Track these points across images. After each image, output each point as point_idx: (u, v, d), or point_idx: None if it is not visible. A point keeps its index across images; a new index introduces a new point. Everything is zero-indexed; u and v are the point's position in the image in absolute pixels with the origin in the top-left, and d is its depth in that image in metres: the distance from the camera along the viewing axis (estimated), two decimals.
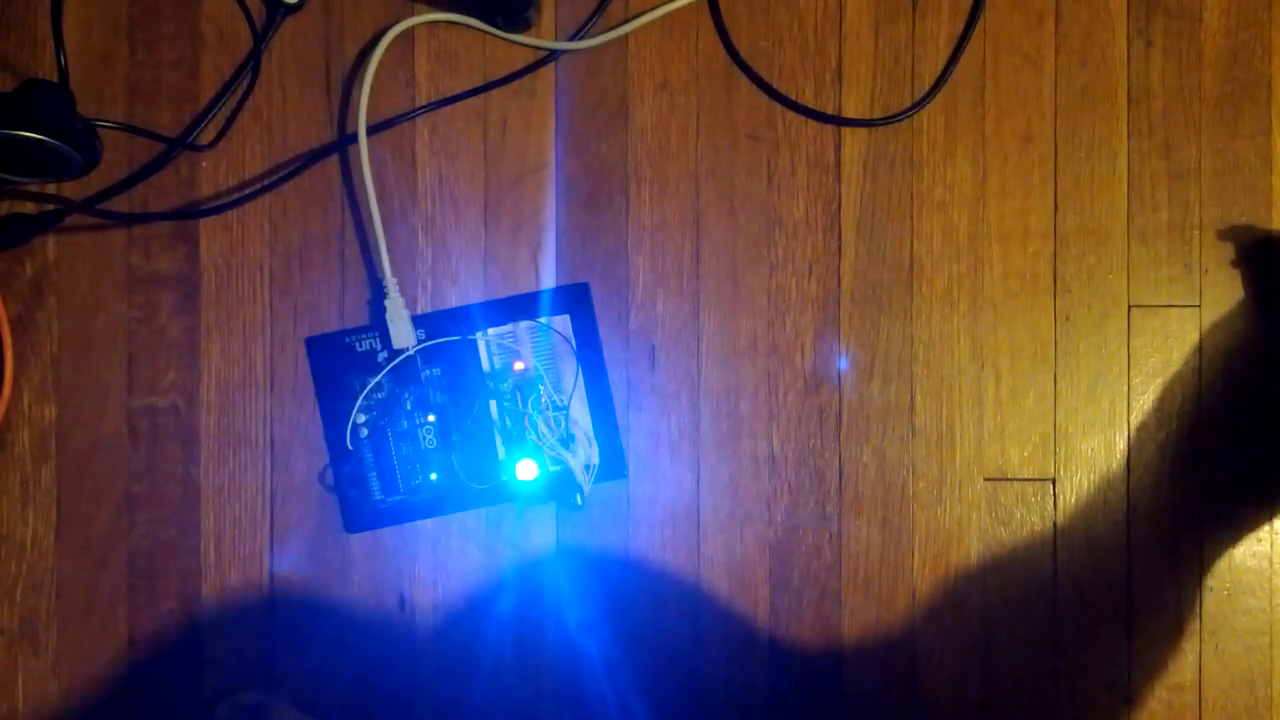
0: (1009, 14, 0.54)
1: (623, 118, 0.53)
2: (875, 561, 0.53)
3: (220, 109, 0.53)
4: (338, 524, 0.52)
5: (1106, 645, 0.54)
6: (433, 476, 0.52)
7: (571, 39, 0.53)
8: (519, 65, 0.53)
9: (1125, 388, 0.54)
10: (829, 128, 0.54)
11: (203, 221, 0.53)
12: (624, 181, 0.53)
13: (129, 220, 0.52)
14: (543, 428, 0.51)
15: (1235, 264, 0.54)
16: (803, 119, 0.54)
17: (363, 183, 0.51)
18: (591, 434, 0.52)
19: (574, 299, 0.53)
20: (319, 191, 0.53)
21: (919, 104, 0.54)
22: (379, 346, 0.52)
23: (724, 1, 0.54)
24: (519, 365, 0.52)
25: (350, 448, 0.51)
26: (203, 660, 0.52)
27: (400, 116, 0.53)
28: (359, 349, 0.52)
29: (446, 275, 0.53)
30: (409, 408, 0.52)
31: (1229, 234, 0.53)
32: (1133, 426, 0.54)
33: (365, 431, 0.52)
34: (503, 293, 0.53)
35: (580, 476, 0.51)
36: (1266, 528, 0.54)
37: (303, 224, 0.53)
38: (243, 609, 0.52)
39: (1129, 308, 0.54)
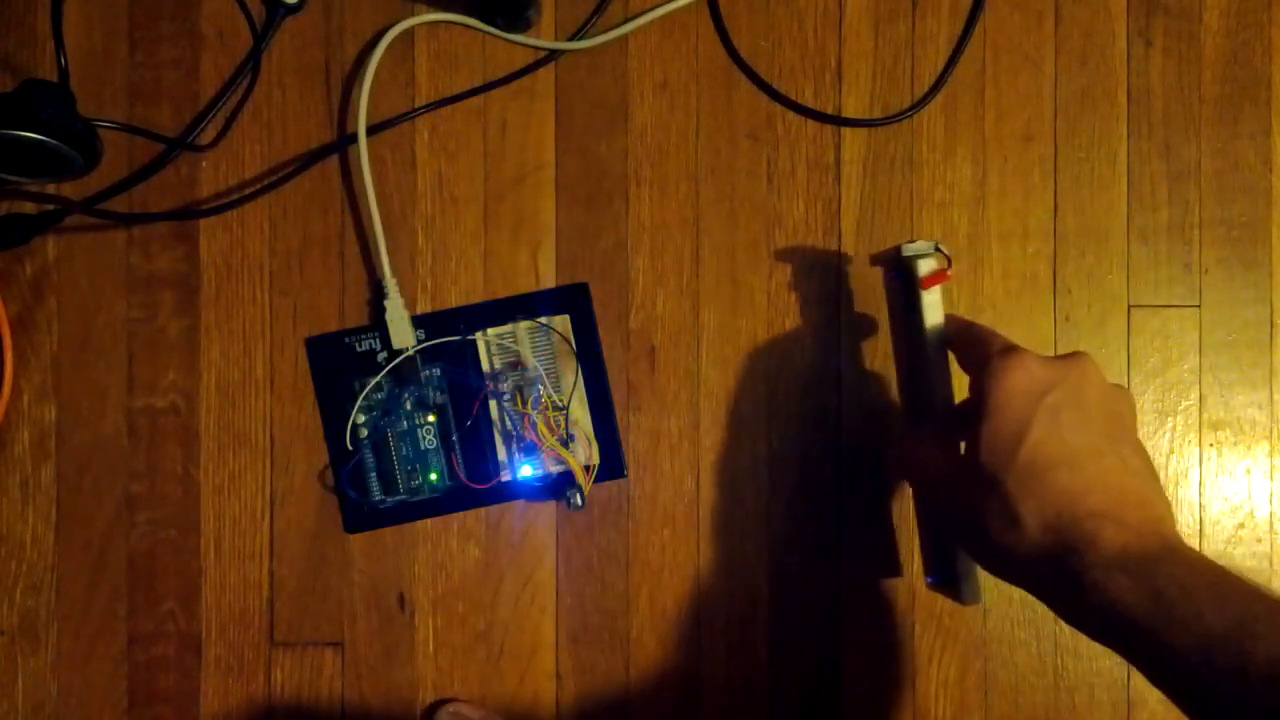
0: (1009, 14, 0.54)
1: (623, 118, 0.53)
2: (875, 561, 0.53)
3: (220, 109, 0.53)
4: (338, 524, 0.52)
5: None
6: (433, 476, 0.52)
7: (571, 39, 0.53)
8: (519, 65, 0.53)
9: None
10: (829, 128, 0.54)
11: (203, 221, 0.53)
12: (624, 181, 0.53)
13: (129, 220, 0.52)
14: (542, 428, 0.51)
15: None
16: (803, 119, 0.54)
17: (363, 183, 0.51)
18: (591, 434, 0.52)
19: (573, 299, 0.53)
20: (319, 191, 0.53)
21: (919, 104, 0.54)
22: (379, 346, 0.52)
23: (724, 1, 0.54)
24: (519, 365, 0.52)
25: (350, 448, 0.51)
26: (202, 660, 0.52)
27: (400, 116, 0.53)
28: (359, 349, 0.52)
29: (446, 275, 0.53)
30: (409, 408, 0.52)
31: None
32: None
33: (365, 431, 0.52)
34: (503, 293, 0.53)
35: (580, 476, 0.51)
36: (1266, 527, 0.54)
37: (303, 224, 0.53)
38: (243, 609, 0.52)
39: (1129, 308, 0.54)
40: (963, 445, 0.43)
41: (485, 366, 0.52)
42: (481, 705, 0.52)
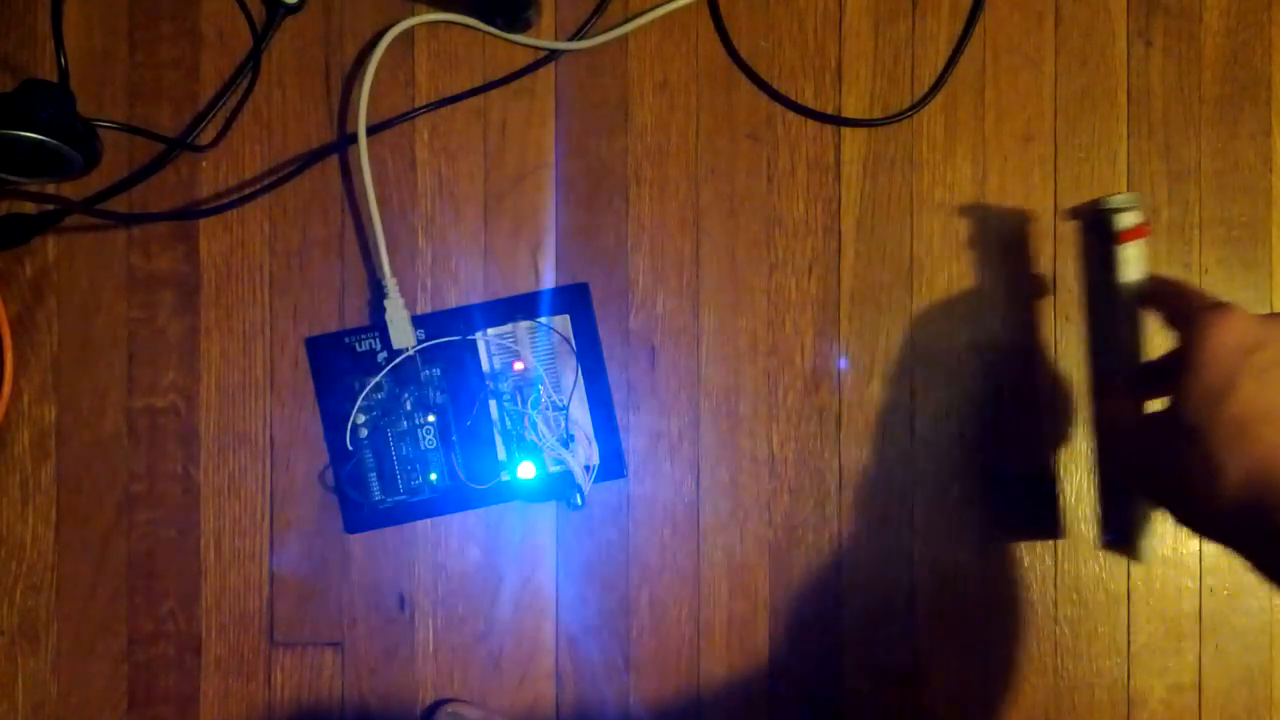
0: (1009, 14, 0.54)
1: (623, 118, 0.53)
2: (875, 561, 0.53)
3: (220, 109, 0.53)
4: (338, 524, 0.52)
5: (1106, 645, 0.54)
6: (433, 476, 0.52)
7: (571, 39, 0.53)
8: (519, 65, 0.53)
9: None
10: (829, 128, 0.54)
11: (203, 221, 0.53)
12: (624, 181, 0.53)
13: (129, 220, 0.52)
14: (543, 428, 0.51)
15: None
16: (803, 119, 0.54)
17: (363, 183, 0.51)
18: (591, 434, 0.52)
19: (574, 299, 0.53)
20: (319, 191, 0.53)
21: (919, 104, 0.54)
22: (379, 346, 0.52)
23: (724, 1, 0.54)
24: (519, 365, 0.52)
25: (350, 448, 0.51)
26: (202, 660, 0.52)
27: (400, 116, 0.53)
28: (359, 349, 0.52)
29: (446, 275, 0.53)
30: (409, 408, 0.52)
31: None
32: None
33: (365, 432, 0.52)
34: (503, 293, 0.53)
35: (580, 476, 0.51)
36: None
37: (303, 224, 0.53)
38: (243, 609, 0.52)
39: None
40: (1154, 401, 0.44)
41: (485, 366, 0.52)
42: (482, 705, 0.52)
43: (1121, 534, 0.50)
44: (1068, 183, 0.54)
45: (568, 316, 0.52)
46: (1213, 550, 0.54)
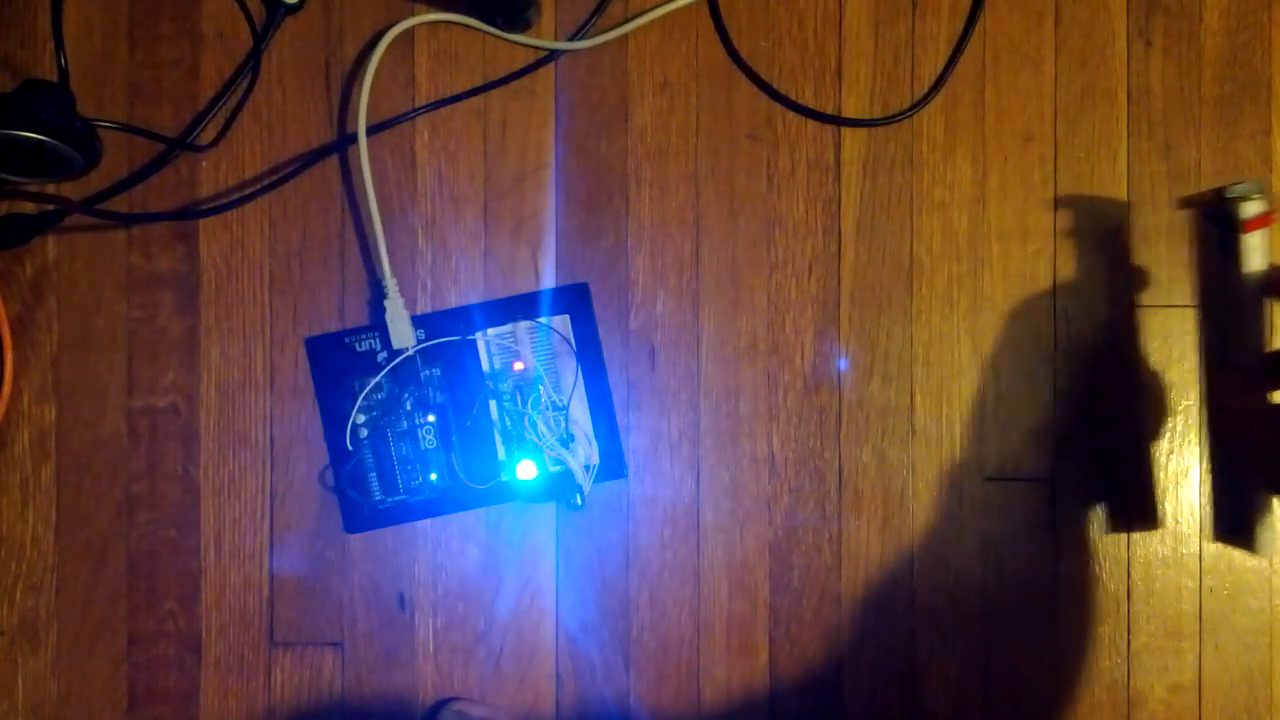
0: (1009, 14, 0.54)
1: (623, 118, 0.53)
2: (875, 561, 0.53)
3: (220, 109, 0.53)
4: (338, 524, 0.52)
5: (1106, 645, 0.54)
6: (433, 476, 0.52)
7: (571, 39, 0.53)
8: (519, 65, 0.53)
9: (1125, 387, 0.54)
10: (829, 128, 0.54)
11: (203, 221, 0.53)
12: (624, 181, 0.53)
13: (129, 220, 0.52)
14: (542, 428, 0.51)
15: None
16: (803, 119, 0.54)
17: (363, 183, 0.51)
18: (591, 434, 0.52)
19: (574, 299, 0.53)
20: (319, 191, 0.53)
21: (919, 104, 0.54)
22: (379, 346, 0.52)
23: (724, 1, 0.54)
24: (519, 365, 0.52)
25: (350, 448, 0.51)
26: (202, 660, 0.52)
27: (400, 116, 0.53)
28: (359, 349, 0.52)
29: (446, 275, 0.53)
30: (409, 408, 0.52)
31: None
32: (1132, 426, 0.54)
33: (365, 432, 0.52)
34: (503, 293, 0.53)
35: (580, 476, 0.51)
36: None
37: (303, 224, 0.53)
38: (243, 609, 0.52)
39: (1129, 307, 0.54)
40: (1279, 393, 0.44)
41: (485, 366, 0.52)
42: (485, 704, 0.52)
43: (1236, 526, 0.49)
44: (1068, 183, 0.54)
45: (568, 316, 0.52)
46: (1213, 550, 0.54)
